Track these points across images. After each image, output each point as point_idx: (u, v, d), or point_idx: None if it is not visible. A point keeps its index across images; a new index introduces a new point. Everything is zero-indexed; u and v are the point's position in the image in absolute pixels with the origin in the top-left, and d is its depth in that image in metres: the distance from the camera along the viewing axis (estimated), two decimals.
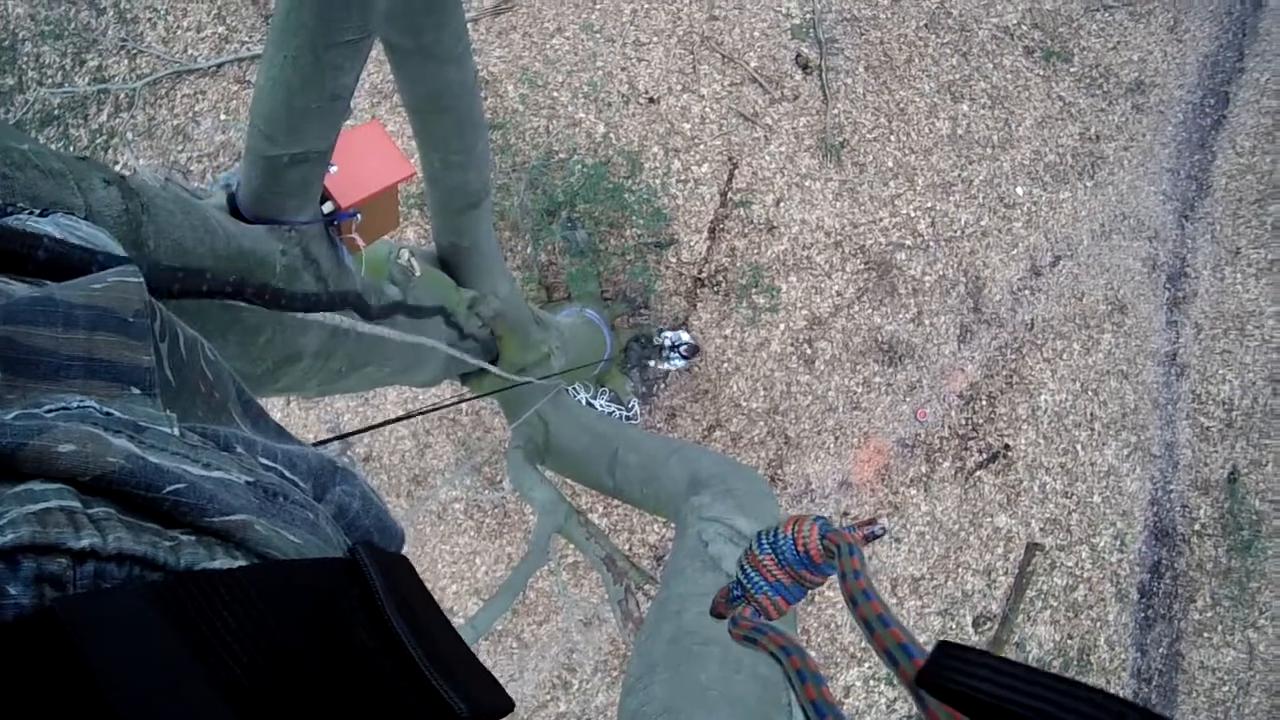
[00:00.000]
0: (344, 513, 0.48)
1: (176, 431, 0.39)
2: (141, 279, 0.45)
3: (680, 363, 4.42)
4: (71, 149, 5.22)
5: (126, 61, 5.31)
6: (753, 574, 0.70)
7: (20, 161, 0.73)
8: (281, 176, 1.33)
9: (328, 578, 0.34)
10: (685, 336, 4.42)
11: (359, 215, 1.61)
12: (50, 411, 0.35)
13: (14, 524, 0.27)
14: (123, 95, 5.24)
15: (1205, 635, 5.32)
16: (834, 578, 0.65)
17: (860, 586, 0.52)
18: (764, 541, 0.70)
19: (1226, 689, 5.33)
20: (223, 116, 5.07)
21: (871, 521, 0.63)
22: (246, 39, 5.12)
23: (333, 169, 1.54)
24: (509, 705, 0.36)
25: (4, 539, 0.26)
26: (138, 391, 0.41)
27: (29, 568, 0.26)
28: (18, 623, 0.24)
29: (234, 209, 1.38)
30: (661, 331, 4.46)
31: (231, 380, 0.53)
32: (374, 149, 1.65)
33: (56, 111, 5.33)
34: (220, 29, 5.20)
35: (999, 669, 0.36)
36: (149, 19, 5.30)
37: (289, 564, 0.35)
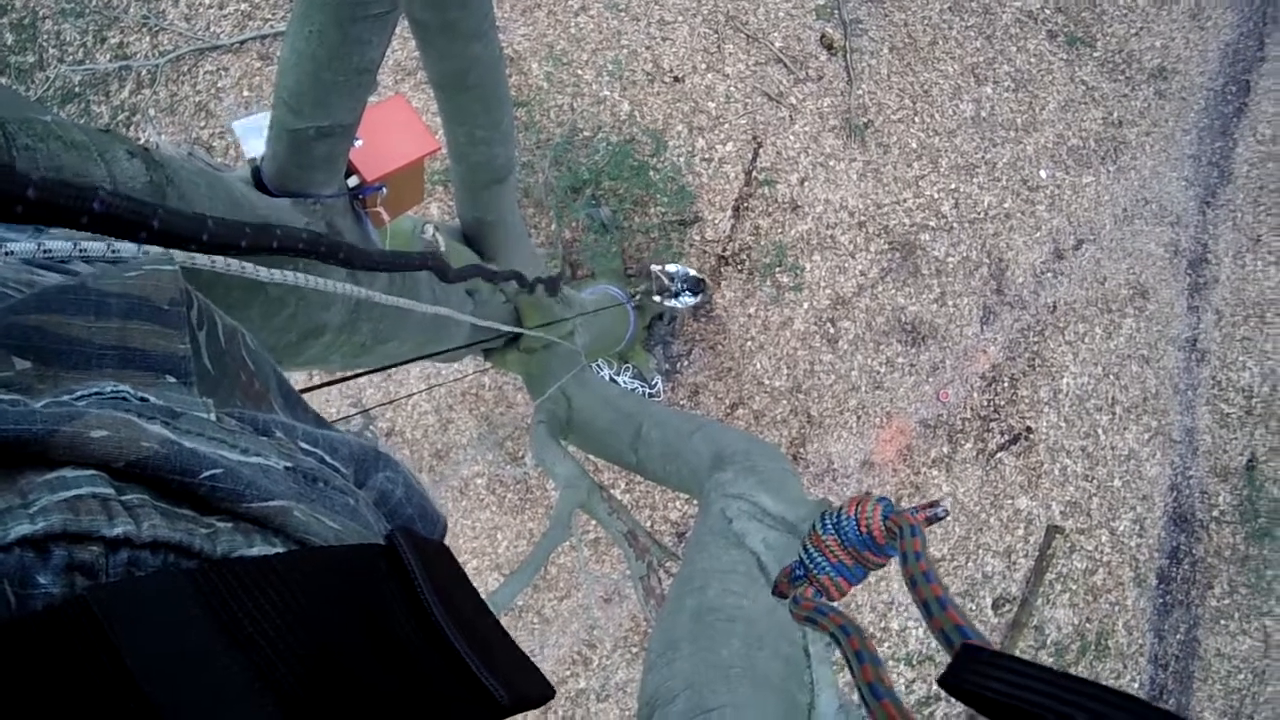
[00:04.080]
0: (385, 499, 0.47)
1: (213, 416, 0.38)
2: (176, 267, 0.43)
3: (690, 299, 4.17)
4: (93, 125, 5.22)
5: (148, 38, 5.31)
6: (816, 554, 0.70)
7: (43, 133, 0.71)
8: (307, 150, 1.32)
9: (366, 564, 0.33)
10: (693, 271, 4.22)
11: (384, 189, 1.60)
12: (82, 398, 0.34)
13: (45, 512, 0.26)
14: (145, 72, 5.24)
15: (1222, 622, 5.31)
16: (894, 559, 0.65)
17: (921, 569, 0.52)
18: (827, 522, 0.70)
19: (1242, 677, 5.32)
20: (246, 93, 5.07)
21: (934, 504, 0.63)
22: (269, 15, 5.12)
23: (358, 143, 1.53)
24: (550, 692, 0.36)
25: (34, 527, 0.25)
26: (173, 380, 0.40)
27: (60, 556, 0.25)
28: (48, 612, 0.23)
29: (259, 182, 1.36)
30: (664, 268, 4.18)
31: (272, 369, 0.52)
32: (399, 123, 1.65)
33: (78, 89, 5.33)
34: (243, 5, 5.20)
35: (1017, 670, 0.37)
36: None
37: (328, 551, 0.34)
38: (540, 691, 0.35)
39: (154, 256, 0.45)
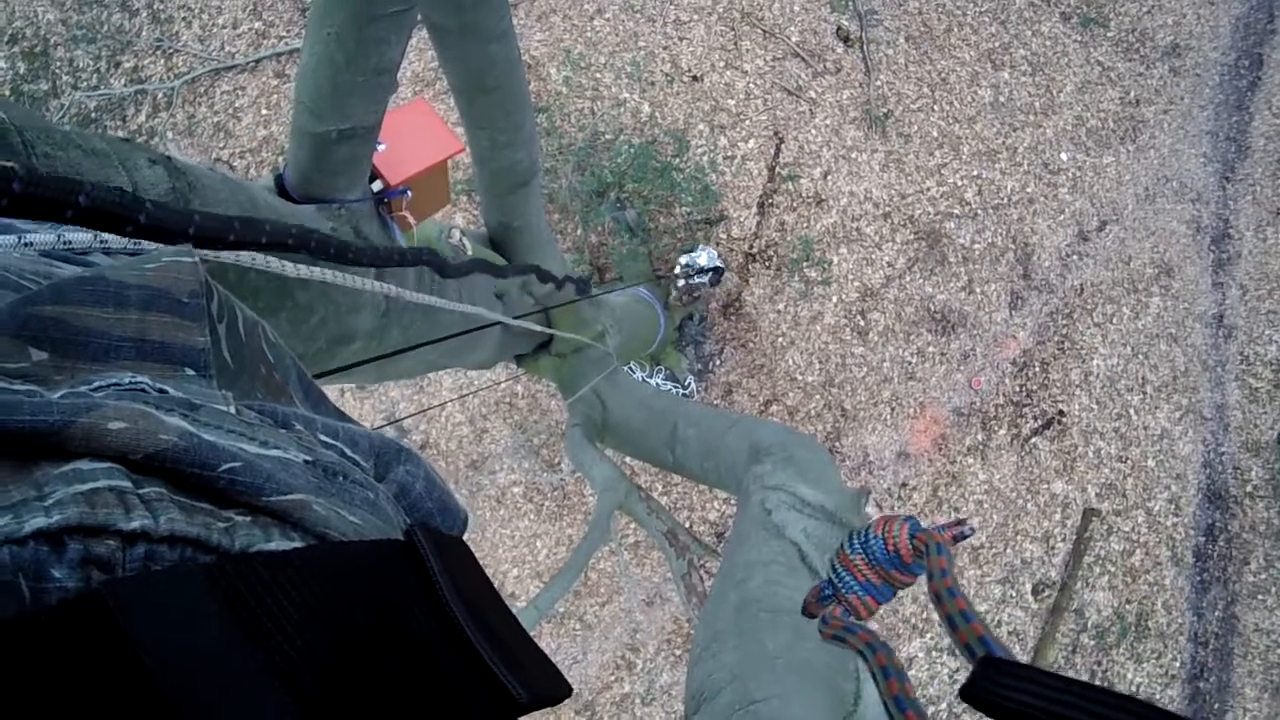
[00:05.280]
0: (406, 493, 0.46)
1: (232, 409, 0.38)
2: (196, 259, 0.43)
3: (700, 279, 4.16)
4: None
5: (163, 61, 5.31)
6: (844, 574, 0.71)
7: (63, 141, 0.70)
8: (329, 154, 1.31)
9: (385, 560, 0.33)
10: (702, 259, 4.14)
11: (409, 192, 1.59)
12: (100, 389, 0.34)
13: (61, 505, 0.26)
14: (161, 95, 5.24)
15: (1260, 598, 5.30)
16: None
17: (946, 585, 0.54)
18: (855, 542, 0.71)
19: None
20: (264, 111, 5.07)
21: (960, 522, 0.64)
22: (284, 33, 5.13)
23: (381, 147, 1.52)
24: (567, 690, 0.35)
25: (50, 520, 0.25)
26: (192, 373, 0.39)
27: (76, 550, 0.25)
28: (62, 606, 0.22)
29: (282, 190, 1.35)
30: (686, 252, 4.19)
31: (292, 363, 0.52)
32: (422, 126, 1.64)
33: (94, 114, 5.33)
34: (257, 24, 5.20)
35: (1037, 680, 0.37)
36: (184, 18, 5.30)
37: (347, 546, 0.33)
38: (558, 690, 0.35)
39: (174, 249, 0.44)
